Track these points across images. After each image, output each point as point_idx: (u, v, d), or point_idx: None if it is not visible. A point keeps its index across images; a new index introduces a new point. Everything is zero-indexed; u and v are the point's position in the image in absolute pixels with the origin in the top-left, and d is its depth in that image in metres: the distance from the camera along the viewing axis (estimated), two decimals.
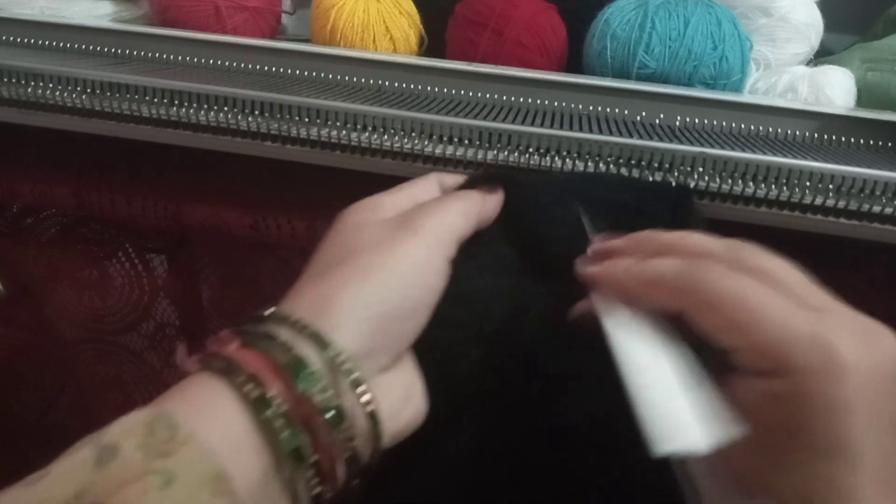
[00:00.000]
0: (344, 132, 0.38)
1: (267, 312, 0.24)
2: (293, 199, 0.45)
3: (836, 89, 0.44)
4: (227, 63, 0.46)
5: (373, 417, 0.23)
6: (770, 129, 0.41)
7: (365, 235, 0.26)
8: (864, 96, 0.46)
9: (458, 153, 0.37)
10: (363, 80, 0.44)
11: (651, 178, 0.36)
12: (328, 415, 0.22)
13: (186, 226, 0.46)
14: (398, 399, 0.25)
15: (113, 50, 0.47)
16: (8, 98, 0.41)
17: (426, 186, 0.31)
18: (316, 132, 0.38)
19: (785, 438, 0.21)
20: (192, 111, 0.39)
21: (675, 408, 0.21)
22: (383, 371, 0.24)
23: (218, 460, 0.19)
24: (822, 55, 0.51)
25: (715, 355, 0.23)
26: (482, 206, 0.29)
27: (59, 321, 0.57)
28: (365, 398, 0.23)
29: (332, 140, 0.38)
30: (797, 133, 0.41)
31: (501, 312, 0.29)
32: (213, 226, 0.45)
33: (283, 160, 0.39)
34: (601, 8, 0.47)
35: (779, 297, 0.22)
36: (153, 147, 0.40)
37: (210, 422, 0.20)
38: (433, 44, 0.53)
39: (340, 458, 0.22)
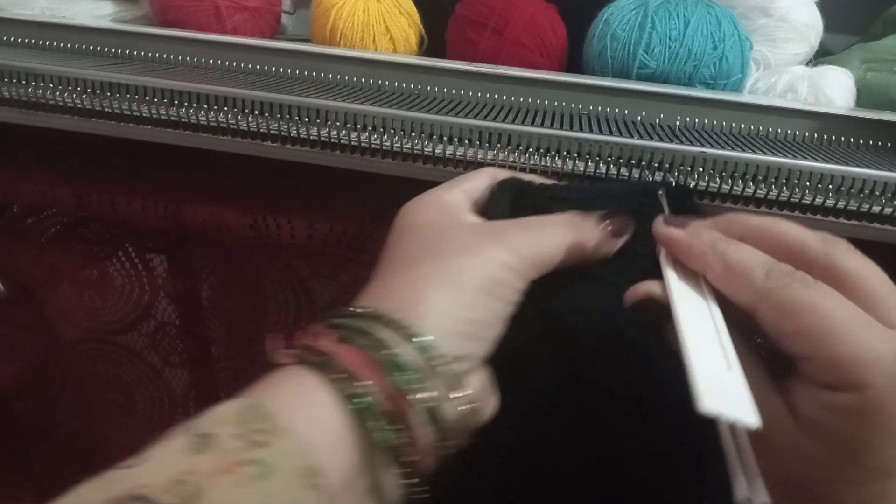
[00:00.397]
0: (344, 132, 0.38)
1: (360, 308, 0.24)
2: (293, 199, 0.45)
3: (835, 89, 0.44)
4: (227, 63, 0.46)
5: (471, 415, 0.23)
6: (770, 129, 0.41)
7: (455, 239, 0.26)
8: (864, 96, 0.46)
9: (458, 153, 0.37)
10: (363, 80, 0.44)
11: (651, 179, 0.36)
12: (424, 413, 0.22)
13: (186, 226, 0.46)
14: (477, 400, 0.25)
15: (113, 50, 0.47)
16: (8, 98, 0.41)
17: (482, 180, 0.30)
18: (316, 132, 0.38)
19: (847, 453, 0.21)
20: (192, 111, 0.39)
21: (727, 377, 0.21)
22: (469, 373, 0.24)
23: (312, 454, 0.19)
24: (822, 55, 0.51)
25: (776, 356, 0.22)
26: (595, 245, 0.27)
27: (60, 321, 0.57)
28: (462, 397, 0.23)
29: (332, 140, 0.38)
30: (797, 133, 0.41)
31: (578, 320, 0.29)
32: (213, 226, 0.45)
33: (283, 160, 0.39)
34: (601, 8, 0.47)
35: (863, 313, 0.21)
36: (153, 147, 0.40)
37: (304, 415, 0.20)
38: (433, 44, 0.53)
39: (432, 456, 0.22)
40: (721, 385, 0.20)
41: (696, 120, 0.41)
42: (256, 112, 0.38)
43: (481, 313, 0.24)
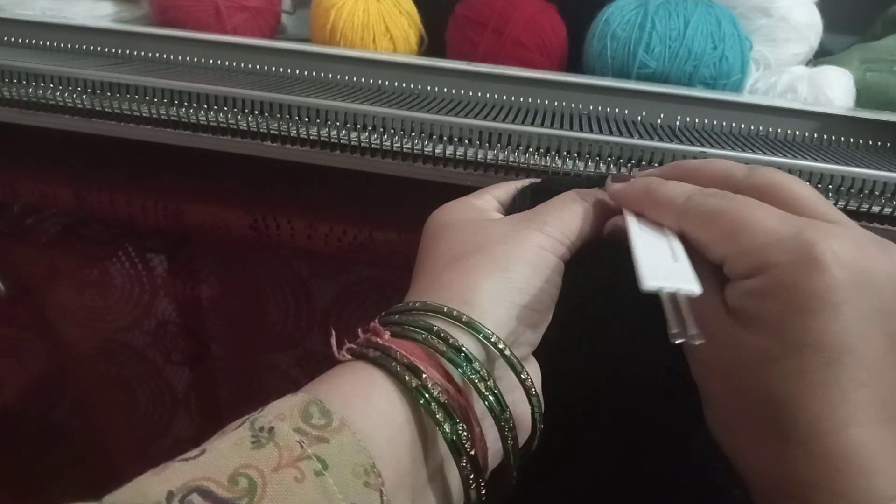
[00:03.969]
0: (344, 132, 0.38)
1: (416, 303, 0.24)
2: (293, 199, 0.45)
3: (835, 89, 0.44)
4: (227, 63, 0.46)
5: (534, 399, 0.23)
6: (770, 129, 0.41)
7: (491, 230, 0.26)
8: (864, 97, 0.46)
9: (458, 153, 0.37)
10: (363, 79, 0.44)
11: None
12: (489, 402, 0.22)
13: (186, 226, 0.46)
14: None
15: (113, 50, 0.47)
16: (9, 98, 0.41)
17: (506, 188, 0.31)
18: (316, 132, 0.38)
19: (767, 332, 0.21)
20: (192, 111, 0.39)
21: (672, 265, 0.23)
22: (526, 361, 0.25)
23: (370, 451, 0.19)
24: (822, 55, 0.51)
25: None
26: (607, 210, 0.29)
27: (60, 321, 0.57)
28: (527, 382, 0.23)
29: (332, 140, 0.38)
30: (797, 133, 0.41)
31: (611, 314, 0.29)
32: (213, 226, 0.45)
33: (283, 160, 0.39)
34: (601, 8, 0.47)
35: (773, 210, 0.22)
36: (153, 147, 0.40)
37: (364, 411, 0.20)
38: (433, 44, 0.53)
39: (496, 449, 0.22)
40: (665, 268, 0.22)
41: (696, 120, 0.41)
42: (256, 112, 0.38)
43: (531, 297, 0.24)
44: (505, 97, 0.43)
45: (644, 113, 0.42)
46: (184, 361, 0.60)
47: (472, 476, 0.21)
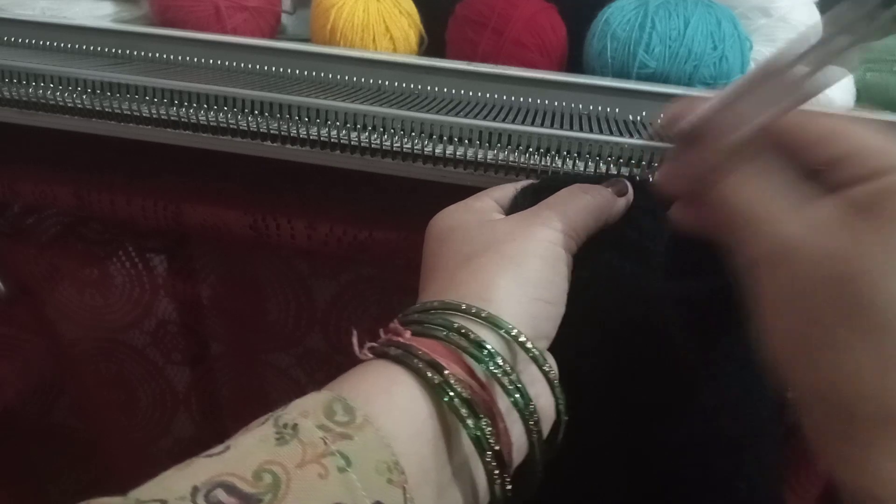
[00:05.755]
0: (344, 132, 0.38)
1: (434, 302, 0.24)
2: (293, 199, 0.45)
3: (835, 89, 0.44)
4: (227, 63, 0.46)
5: (557, 391, 0.24)
6: None
7: (499, 229, 0.27)
8: (864, 96, 0.46)
9: (458, 153, 0.37)
10: (363, 79, 0.44)
11: (651, 179, 0.36)
12: (514, 398, 0.22)
13: (186, 226, 0.46)
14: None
15: (113, 50, 0.47)
16: (9, 98, 0.41)
17: (507, 189, 0.32)
18: (316, 132, 0.38)
19: (874, 232, 0.19)
20: (192, 111, 0.39)
21: None
22: (545, 354, 0.25)
23: (394, 448, 0.19)
24: None
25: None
26: (609, 204, 0.29)
27: (60, 320, 0.57)
28: (551, 374, 0.23)
29: (332, 140, 0.38)
30: None
31: (619, 316, 0.29)
32: (213, 226, 0.45)
33: (283, 160, 0.39)
34: (601, 8, 0.47)
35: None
36: (153, 147, 0.40)
37: (387, 408, 0.20)
38: (433, 44, 0.53)
39: (520, 444, 0.22)
40: None
41: None
42: (256, 112, 0.38)
43: (546, 290, 0.25)
44: (505, 97, 0.43)
45: (644, 113, 0.42)
46: (184, 361, 0.60)
47: (496, 472, 0.21)
